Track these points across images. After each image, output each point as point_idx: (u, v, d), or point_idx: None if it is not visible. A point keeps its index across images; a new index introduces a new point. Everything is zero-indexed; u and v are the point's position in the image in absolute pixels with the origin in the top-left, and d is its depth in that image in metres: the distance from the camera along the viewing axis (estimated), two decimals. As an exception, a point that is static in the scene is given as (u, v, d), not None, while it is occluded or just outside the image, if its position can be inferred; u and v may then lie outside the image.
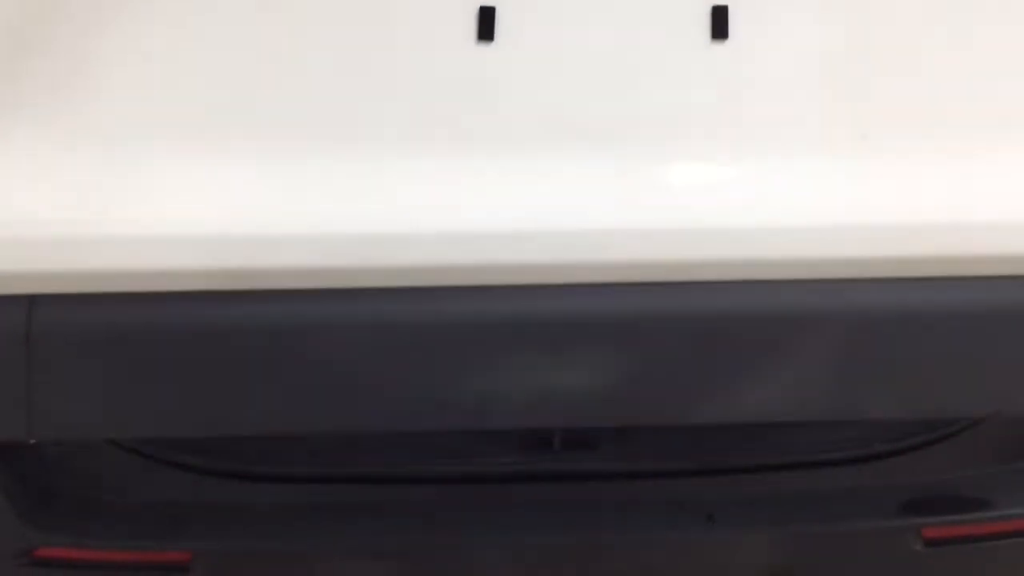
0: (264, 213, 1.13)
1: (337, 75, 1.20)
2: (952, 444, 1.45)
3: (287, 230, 1.13)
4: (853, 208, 1.17)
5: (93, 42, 1.19)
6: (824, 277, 1.17)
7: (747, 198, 1.17)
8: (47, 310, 1.13)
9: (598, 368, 1.18)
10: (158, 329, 1.15)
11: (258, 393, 1.17)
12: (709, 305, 1.17)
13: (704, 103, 1.21)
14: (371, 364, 1.17)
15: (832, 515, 1.40)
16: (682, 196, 1.19)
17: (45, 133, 1.18)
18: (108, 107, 1.19)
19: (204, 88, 1.20)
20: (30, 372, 1.14)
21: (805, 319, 1.18)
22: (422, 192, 1.15)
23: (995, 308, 1.20)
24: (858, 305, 1.18)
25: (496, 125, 1.20)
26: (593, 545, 1.39)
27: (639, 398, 1.20)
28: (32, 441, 1.23)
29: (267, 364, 1.16)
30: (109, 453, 1.38)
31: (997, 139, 1.22)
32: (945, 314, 1.19)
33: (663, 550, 1.40)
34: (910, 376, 1.21)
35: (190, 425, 1.21)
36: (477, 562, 1.38)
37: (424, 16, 1.22)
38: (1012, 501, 1.43)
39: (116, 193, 1.15)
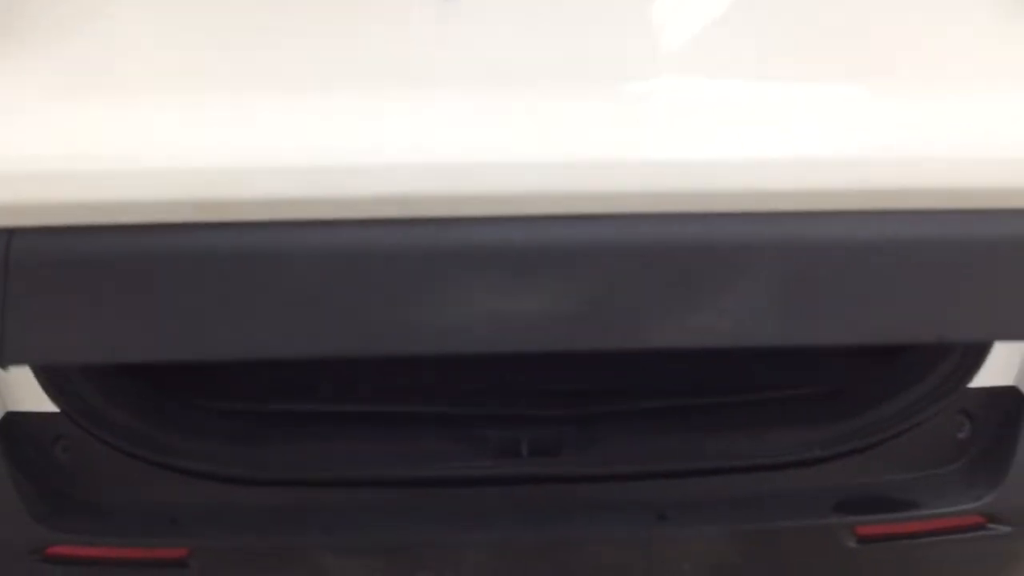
0: (233, 148, 1.16)
1: (308, 24, 1.28)
2: (882, 451, 1.59)
3: (257, 163, 1.15)
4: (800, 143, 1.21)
5: None
6: (770, 210, 1.19)
7: (692, 131, 1.21)
8: (24, 242, 1.14)
9: (549, 296, 1.20)
10: (130, 259, 1.17)
11: (227, 319, 1.19)
12: (659, 235, 1.18)
13: (636, 45, 1.30)
14: (336, 291, 1.18)
15: (773, 514, 1.54)
16: (629, 129, 1.22)
17: (22, 75, 1.23)
18: (79, 51, 1.25)
19: (176, 30, 1.26)
20: (5, 302, 1.16)
21: (748, 249, 1.20)
22: (383, 127, 1.18)
23: (935, 240, 1.22)
24: (802, 236, 1.20)
25: (452, 68, 1.26)
26: (557, 541, 1.53)
27: (590, 323, 1.22)
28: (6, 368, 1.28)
29: (237, 292, 1.17)
30: (113, 459, 1.51)
31: (927, 76, 1.30)
32: (885, 245, 1.21)
33: (619, 545, 1.54)
34: (854, 303, 1.22)
35: (158, 350, 1.23)
36: (451, 557, 1.52)
37: None
38: (936, 502, 1.56)
39: (89, 130, 1.18)
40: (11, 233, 1.15)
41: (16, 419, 1.49)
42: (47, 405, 1.50)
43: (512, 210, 1.16)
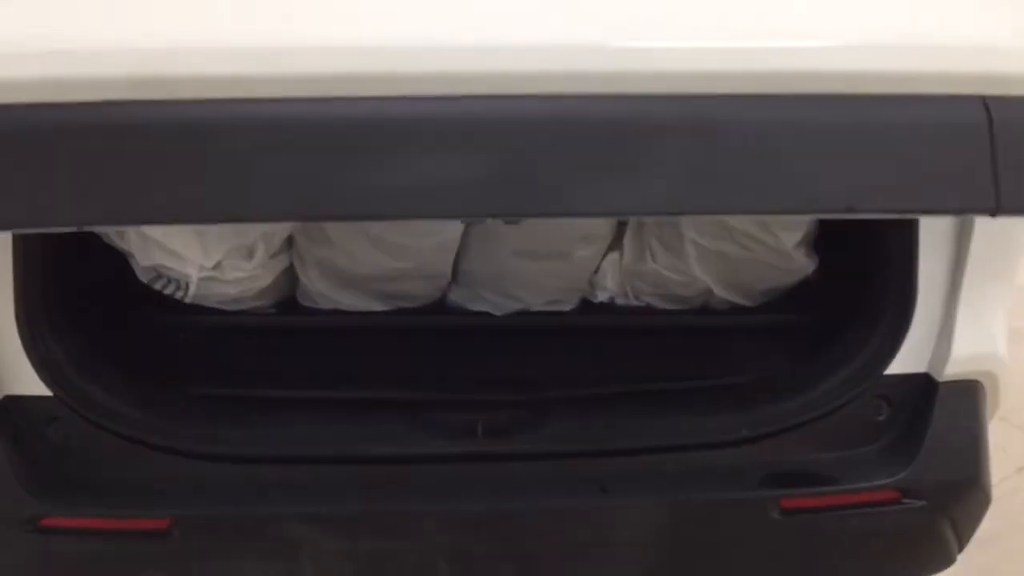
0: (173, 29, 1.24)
1: None
2: (807, 432, 1.74)
3: (195, 43, 1.22)
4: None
5: None
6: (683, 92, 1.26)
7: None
8: None
9: (493, 165, 1.24)
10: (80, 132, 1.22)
11: (163, 186, 1.23)
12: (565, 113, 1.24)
13: None
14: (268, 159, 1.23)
15: (705, 488, 1.69)
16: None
17: None
18: None
19: None
20: None
21: (664, 126, 1.26)
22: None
23: (844, 122, 1.27)
24: (715, 115, 1.26)
25: None
26: (509, 513, 1.67)
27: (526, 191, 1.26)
28: None
29: (179, 160, 1.22)
30: (101, 438, 1.65)
31: None
32: (799, 124, 1.27)
33: (564, 517, 1.68)
34: (768, 176, 1.27)
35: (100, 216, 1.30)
36: (413, 528, 1.66)
37: None
38: (855, 478, 1.71)
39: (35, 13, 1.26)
40: None
41: (13, 402, 1.63)
42: (42, 389, 1.63)
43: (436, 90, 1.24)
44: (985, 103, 1.27)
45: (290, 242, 1.87)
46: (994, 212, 1.27)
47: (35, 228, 1.43)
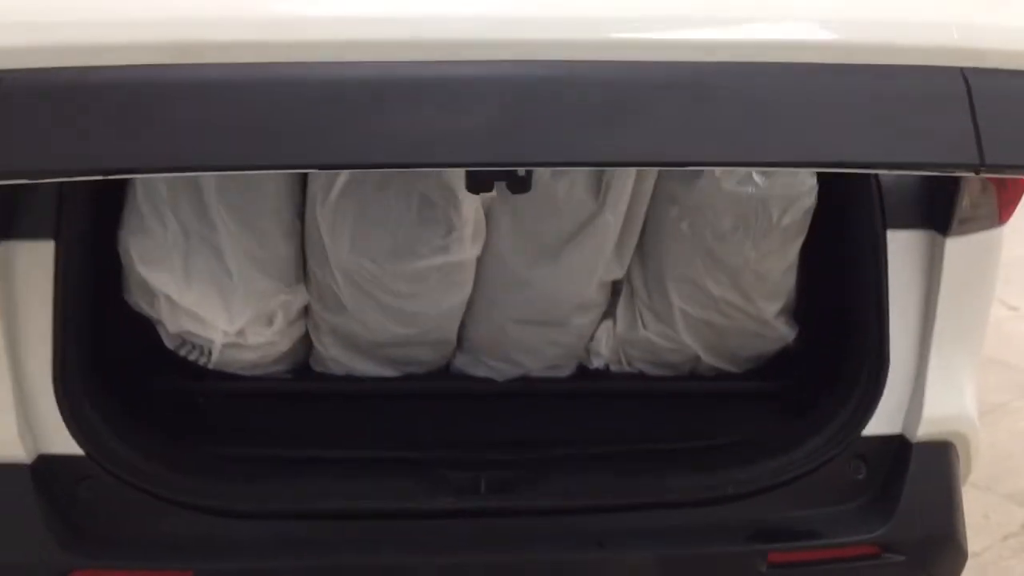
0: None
1: None
2: (790, 489, 1.86)
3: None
4: None
5: None
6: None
7: None
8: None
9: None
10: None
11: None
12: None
13: None
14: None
15: (696, 543, 1.80)
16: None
17: None
18: None
19: None
20: None
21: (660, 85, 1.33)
22: None
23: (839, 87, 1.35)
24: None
25: None
26: (510, 565, 1.78)
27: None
28: None
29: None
30: (129, 496, 1.76)
31: None
32: (798, 88, 1.35)
33: (562, 570, 1.79)
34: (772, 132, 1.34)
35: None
36: None
37: None
38: (835, 534, 1.83)
39: None
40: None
41: (47, 461, 1.75)
42: (75, 449, 1.75)
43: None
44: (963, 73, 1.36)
45: (306, 310, 2.00)
46: (977, 169, 1.35)
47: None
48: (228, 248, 1.86)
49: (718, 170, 1.83)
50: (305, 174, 1.93)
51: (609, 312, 2.04)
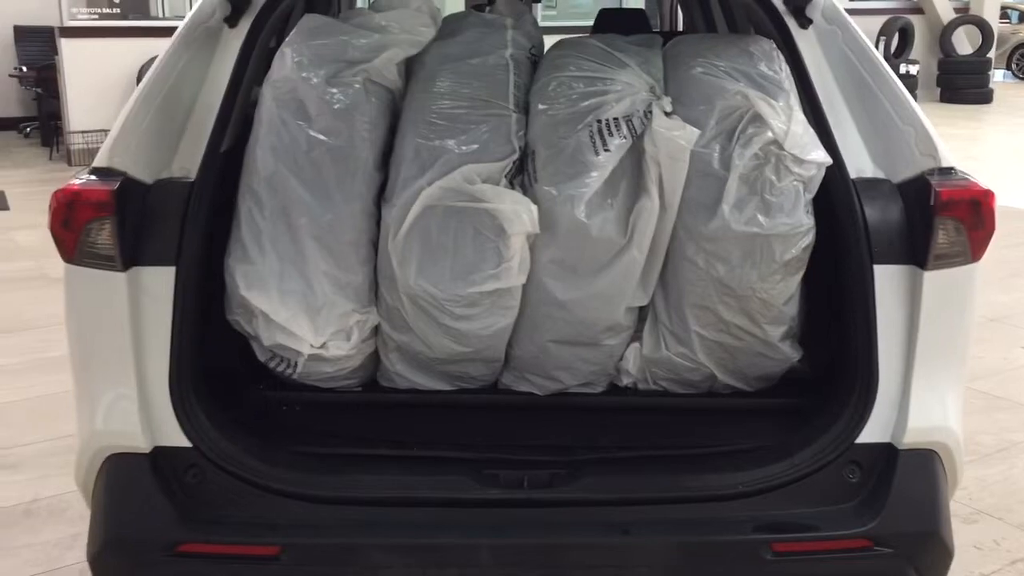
0: None
1: None
2: (791, 490, 2.14)
3: None
4: None
5: None
6: None
7: None
8: None
9: None
10: None
11: None
12: None
13: None
14: None
15: (709, 532, 2.09)
16: None
17: None
18: None
19: None
20: None
21: None
22: None
23: None
24: None
25: None
26: (550, 548, 2.08)
27: None
28: None
29: None
30: (227, 482, 2.10)
31: None
32: None
33: (594, 553, 2.09)
34: None
35: None
36: (471, 558, 2.06)
37: None
38: (831, 528, 2.10)
39: None
40: None
41: (162, 451, 2.09)
42: (184, 442, 2.10)
43: None
44: None
45: (376, 330, 2.34)
46: None
47: None
48: (314, 274, 2.21)
49: (727, 211, 2.15)
50: (378, 212, 2.28)
51: (636, 335, 2.35)
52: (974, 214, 2.10)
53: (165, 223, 2.09)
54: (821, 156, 2.18)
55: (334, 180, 2.23)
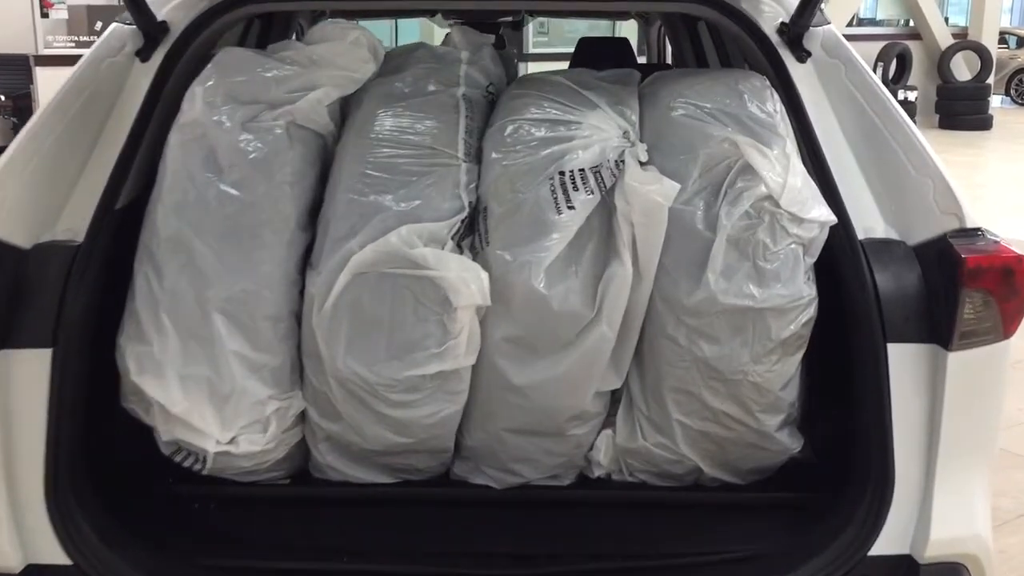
0: None
1: None
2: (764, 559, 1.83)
3: None
4: None
5: None
6: None
7: None
8: None
9: None
10: None
11: None
12: None
13: None
14: None
15: None
16: None
17: None
18: None
19: None
20: None
21: None
22: None
23: None
24: None
25: None
26: None
27: None
28: None
29: None
30: None
31: None
32: None
33: None
34: None
35: None
36: None
37: None
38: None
39: None
40: None
41: (35, 571, 1.74)
42: (63, 559, 1.75)
43: None
44: None
45: (302, 416, 2.00)
46: None
47: None
48: (223, 355, 1.87)
49: (714, 279, 1.81)
50: (302, 280, 1.94)
51: (609, 419, 2.01)
52: (1006, 284, 1.77)
53: (42, 296, 1.76)
54: (824, 214, 1.85)
55: (249, 243, 1.90)
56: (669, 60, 4.65)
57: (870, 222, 1.91)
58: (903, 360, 1.79)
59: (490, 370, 1.91)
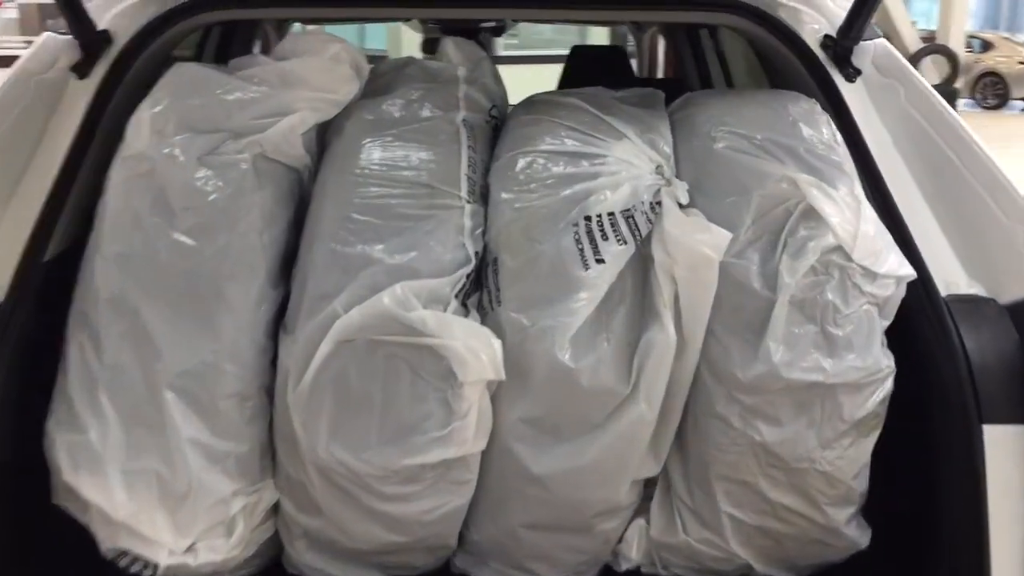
0: None
1: None
2: None
3: None
4: None
5: None
6: None
7: None
8: None
9: None
10: None
11: None
12: None
13: None
14: None
15: None
16: None
17: None
18: None
19: None
20: None
21: None
22: None
23: None
24: None
25: None
26: None
27: None
28: None
29: None
30: None
31: None
32: None
33: None
34: None
35: None
36: None
37: None
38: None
39: None
40: None
41: None
42: None
43: None
44: None
45: (276, 508, 1.66)
46: None
47: None
48: (177, 444, 1.52)
49: (775, 349, 1.50)
50: (274, 346, 1.60)
51: (641, 510, 1.69)
52: None
53: None
54: (901, 267, 1.55)
55: (208, 304, 1.56)
56: (659, 75, 4.34)
57: (950, 275, 1.62)
58: (1003, 445, 1.49)
59: (504, 457, 1.58)
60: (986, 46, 18.93)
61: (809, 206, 1.54)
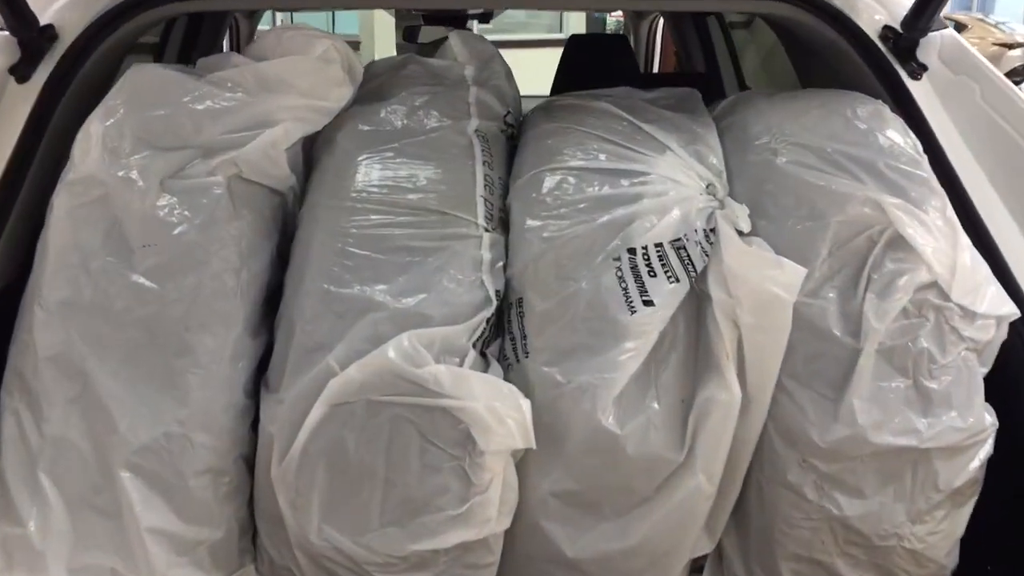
0: None
1: None
2: None
3: None
4: None
5: None
6: None
7: None
8: None
9: None
10: None
11: None
12: None
13: None
14: None
15: None
16: None
17: None
18: None
19: None
20: None
21: None
22: None
23: None
24: None
25: None
26: None
27: None
28: None
29: None
30: None
31: None
32: None
33: None
34: None
35: None
36: None
37: None
38: None
39: None
40: None
41: None
42: None
43: None
44: None
45: (258, 595, 1.40)
46: None
47: None
48: (136, 535, 1.25)
49: (859, 407, 1.26)
50: (255, 407, 1.34)
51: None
52: None
53: None
54: (1003, 304, 1.31)
55: (173, 361, 1.28)
56: (655, 67, 4.07)
57: None
58: None
59: (532, 537, 1.33)
60: (960, 28, 18.89)
61: (896, 234, 1.30)
